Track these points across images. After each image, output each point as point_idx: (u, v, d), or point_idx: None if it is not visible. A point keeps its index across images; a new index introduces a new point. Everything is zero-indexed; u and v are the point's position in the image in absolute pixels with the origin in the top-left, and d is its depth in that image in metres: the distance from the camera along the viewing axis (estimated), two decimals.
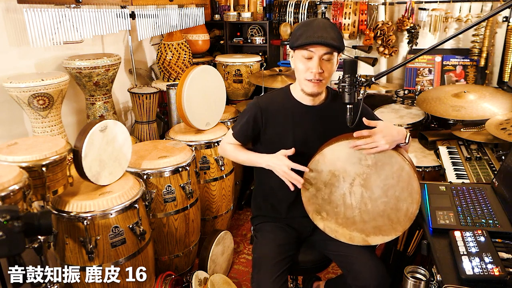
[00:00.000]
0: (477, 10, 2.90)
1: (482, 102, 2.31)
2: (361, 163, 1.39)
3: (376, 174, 1.38)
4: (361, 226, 1.43)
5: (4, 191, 1.31)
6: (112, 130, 1.80)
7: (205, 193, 2.52)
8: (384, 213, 1.38)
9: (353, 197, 1.41)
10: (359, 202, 1.41)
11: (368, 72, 3.37)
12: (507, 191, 1.40)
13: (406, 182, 1.34)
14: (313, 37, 1.40)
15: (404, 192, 1.35)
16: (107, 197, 1.70)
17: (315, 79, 1.46)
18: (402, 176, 1.34)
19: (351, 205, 1.42)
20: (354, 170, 1.40)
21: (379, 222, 1.40)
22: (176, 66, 3.10)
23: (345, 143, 1.39)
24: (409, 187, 1.34)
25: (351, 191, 1.41)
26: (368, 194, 1.39)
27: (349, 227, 1.45)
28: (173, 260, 2.23)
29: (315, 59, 1.43)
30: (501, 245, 1.19)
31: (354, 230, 1.44)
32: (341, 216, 1.45)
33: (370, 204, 1.40)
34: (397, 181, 1.35)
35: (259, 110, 1.59)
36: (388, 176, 1.36)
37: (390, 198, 1.37)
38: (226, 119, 2.88)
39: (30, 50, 2.30)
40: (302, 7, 3.34)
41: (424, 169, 2.26)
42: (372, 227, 1.41)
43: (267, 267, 1.49)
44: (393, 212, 1.37)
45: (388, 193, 1.37)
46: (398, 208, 1.36)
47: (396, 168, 1.35)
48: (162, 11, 2.89)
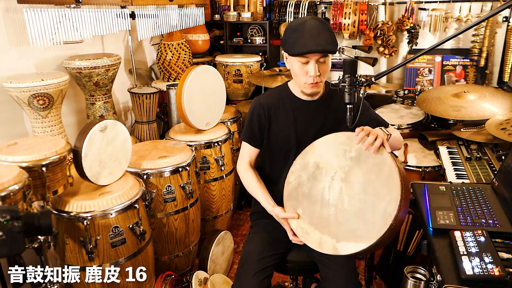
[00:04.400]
0: (477, 10, 2.91)
1: (482, 102, 2.31)
2: (345, 155, 1.32)
3: (358, 167, 1.29)
4: (334, 228, 1.29)
5: (4, 191, 1.31)
6: (112, 130, 1.80)
7: (205, 193, 2.52)
8: (359, 213, 1.24)
9: (331, 192, 1.33)
10: (336, 198, 1.31)
11: (368, 72, 3.37)
12: (507, 191, 1.40)
13: (387, 176, 1.21)
14: (309, 46, 1.40)
15: (383, 188, 1.20)
16: (107, 197, 1.70)
17: (314, 83, 1.49)
18: (383, 169, 1.22)
19: (328, 201, 1.32)
20: (337, 162, 1.33)
21: (354, 224, 1.24)
22: (176, 66, 3.10)
23: (335, 135, 1.35)
24: (389, 181, 1.19)
25: (331, 186, 1.33)
26: (347, 189, 1.29)
27: (322, 229, 1.32)
28: (173, 260, 2.23)
29: (312, 63, 1.45)
30: (501, 245, 1.19)
31: (325, 233, 1.30)
32: (316, 215, 1.35)
33: (347, 202, 1.28)
34: (377, 174, 1.23)
35: (261, 107, 1.62)
36: (370, 169, 1.26)
37: (368, 195, 1.24)
38: (226, 119, 2.88)
39: (30, 50, 2.30)
40: (302, 7, 3.34)
41: (424, 169, 2.26)
42: (346, 230, 1.26)
43: (252, 262, 1.51)
44: (369, 212, 1.22)
45: (367, 189, 1.25)
46: (374, 209, 1.21)
47: (378, 160, 1.25)
48: (162, 11, 2.89)
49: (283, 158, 1.63)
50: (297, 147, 1.58)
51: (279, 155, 1.64)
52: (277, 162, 1.65)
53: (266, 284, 1.49)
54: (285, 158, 1.62)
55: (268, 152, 1.67)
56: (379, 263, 2.24)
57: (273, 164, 1.67)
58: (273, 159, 1.67)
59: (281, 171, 1.62)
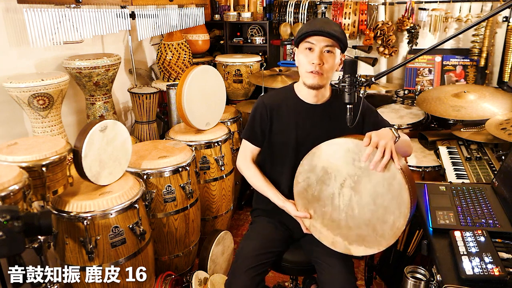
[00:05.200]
0: (477, 10, 2.91)
1: (482, 102, 2.31)
2: (354, 164, 1.32)
3: (367, 178, 1.30)
4: (345, 231, 1.36)
5: (4, 191, 1.31)
6: (112, 130, 1.80)
7: (205, 193, 2.52)
8: (370, 223, 1.31)
9: (341, 199, 1.36)
10: (347, 205, 1.35)
11: (368, 72, 3.37)
12: (507, 191, 1.40)
13: (396, 192, 1.25)
14: (315, 28, 1.45)
15: (392, 202, 1.25)
16: (107, 197, 1.70)
17: (315, 71, 1.47)
18: (392, 185, 1.25)
19: (339, 207, 1.37)
20: (346, 170, 1.34)
21: (364, 231, 1.32)
22: (176, 66, 3.10)
23: (343, 140, 1.33)
24: (398, 198, 1.24)
25: (340, 193, 1.36)
26: (357, 198, 1.33)
27: (334, 231, 1.39)
28: (173, 260, 2.23)
29: (316, 51, 1.46)
30: (501, 245, 1.19)
31: (337, 235, 1.38)
32: (327, 217, 1.40)
33: (357, 210, 1.33)
34: (387, 189, 1.27)
35: (264, 106, 1.62)
36: (379, 182, 1.28)
37: (378, 207, 1.29)
38: (226, 119, 2.88)
39: (30, 50, 2.30)
40: (302, 7, 3.34)
41: (424, 169, 2.26)
42: (356, 235, 1.34)
43: (246, 257, 1.51)
44: (379, 223, 1.29)
45: (377, 201, 1.29)
46: (384, 220, 1.28)
47: (387, 175, 1.26)
48: (162, 11, 2.89)
49: (283, 159, 1.62)
50: (296, 150, 1.57)
51: (279, 156, 1.63)
52: (277, 163, 1.65)
53: (259, 281, 1.48)
54: (284, 160, 1.61)
55: (269, 152, 1.67)
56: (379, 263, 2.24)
57: (273, 165, 1.67)
58: (273, 160, 1.66)
59: (281, 172, 1.62)
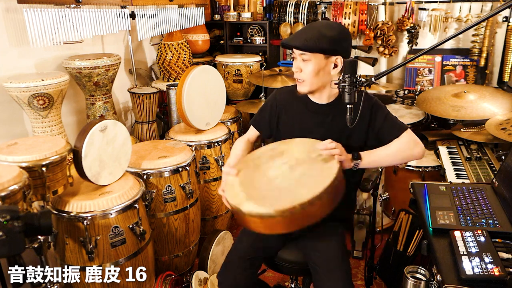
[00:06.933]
0: (477, 10, 2.90)
1: (482, 102, 2.31)
2: (307, 154, 1.42)
3: (308, 164, 1.38)
4: (252, 191, 1.36)
5: (4, 191, 1.31)
6: (112, 130, 1.80)
7: (205, 193, 2.52)
8: (280, 190, 1.32)
9: (274, 171, 1.40)
10: (275, 175, 1.38)
11: (368, 72, 3.37)
12: (507, 191, 1.40)
13: (322, 176, 1.29)
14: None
15: (312, 180, 1.30)
16: (107, 197, 1.70)
17: (297, 78, 1.54)
18: (324, 170, 1.32)
19: (267, 175, 1.40)
20: (297, 156, 1.43)
21: (268, 193, 1.33)
22: (176, 66, 3.10)
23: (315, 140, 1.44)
24: (320, 180, 1.27)
25: (279, 167, 1.41)
26: (287, 172, 1.38)
27: (245, 189, 1.37)
28: (173, 260, 2.23)
29: (297, 59, 1.51)
30: (501, 245, 1.19)
31: (243, 191, 1.36)
32: (249, 178, 1.42)
33: (280, 179, 1.36)
34: (317, 173, 1.33)
35: (275, 99, 1.68)
36: (315, 168, 1.36)
37: (298, 181, 1.33)
38: (226, 119, 2.88)
39: (30, 50, 2.30)
40: (302, 7, 3.34)
41: (424, 169, 2.26)
42: (259, 195, 1.33)
43: (240, 250, 1.54)
44: (287, 191, 1.31)
45: (302, 178, 1.33)
46: (292, 190, 1.30)
47: (326, 166, 1.35)
48: (162, 11, 2.89)
49: None
50: None
51: None
52: None
53: (250, 275, 1.49)
54: None
55: None
56: (379, 263, 2.25)
57: None
58: None
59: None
